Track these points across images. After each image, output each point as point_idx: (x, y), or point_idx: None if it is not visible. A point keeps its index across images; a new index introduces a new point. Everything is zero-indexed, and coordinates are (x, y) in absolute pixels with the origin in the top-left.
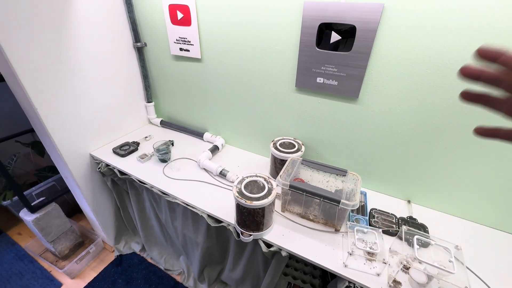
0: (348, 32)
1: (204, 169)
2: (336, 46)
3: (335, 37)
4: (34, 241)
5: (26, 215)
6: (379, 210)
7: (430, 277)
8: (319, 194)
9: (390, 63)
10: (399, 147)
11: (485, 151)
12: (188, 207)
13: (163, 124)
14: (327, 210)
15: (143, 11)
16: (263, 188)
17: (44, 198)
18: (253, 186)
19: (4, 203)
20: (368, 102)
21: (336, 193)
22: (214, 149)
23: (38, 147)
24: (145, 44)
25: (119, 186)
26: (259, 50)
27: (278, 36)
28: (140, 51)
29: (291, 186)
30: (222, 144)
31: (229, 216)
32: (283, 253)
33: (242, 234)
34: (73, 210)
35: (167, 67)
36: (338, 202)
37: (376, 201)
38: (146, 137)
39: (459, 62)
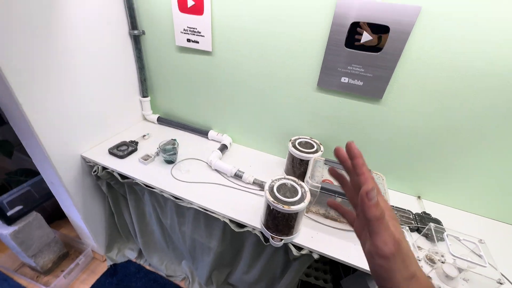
0: (379, 33)
1: (216, 170)
2: (365, 47)
3: (366, 37)
4: (6, 256)
5: (1, 228)
6: (395, 207)
7: (460, 270)
8: None
9: (417, 66)
10: (415, 146)
11: (500, 148)
12: (208, 212)
13: (160, 121)
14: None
15: None
16: (295, 191)
17: (21, 207)
18: (285, 189)
19: None
20: (391, 102)
21: None
22: (223, 148)
23: (5, 147)
24: (143, 32)
25: (115, 190)
26: (281, 46)
27: (304, 33)
28: (136, 40)
29: (322, 188)
30: (230, 143)
31: (251, 220)
32: (315, 256)
33: (272, 239)
34: (50, 217)
35: (169, 59)
36: None
37: (388, 198)
38: (144, 135)
39: (485, 72)
